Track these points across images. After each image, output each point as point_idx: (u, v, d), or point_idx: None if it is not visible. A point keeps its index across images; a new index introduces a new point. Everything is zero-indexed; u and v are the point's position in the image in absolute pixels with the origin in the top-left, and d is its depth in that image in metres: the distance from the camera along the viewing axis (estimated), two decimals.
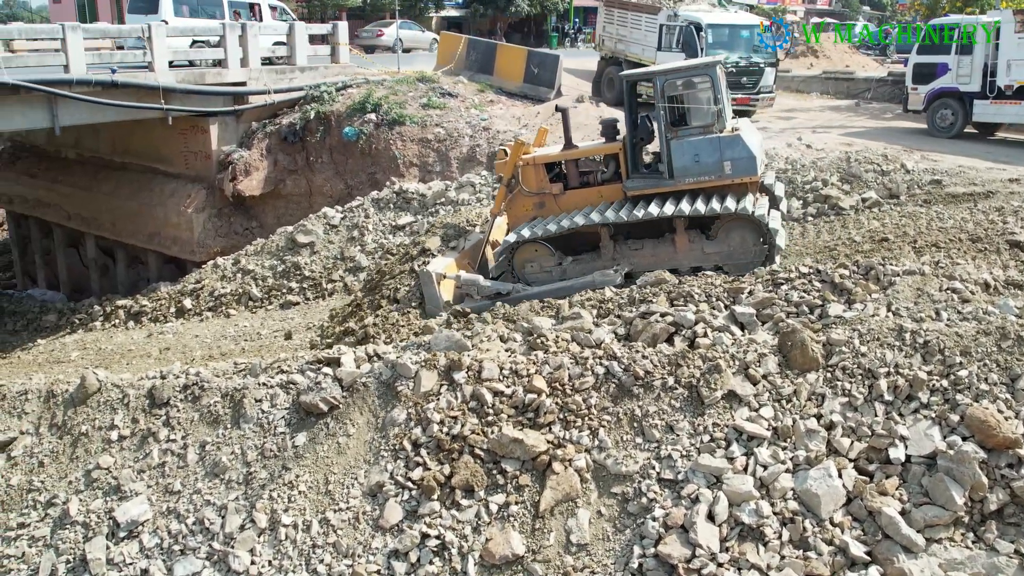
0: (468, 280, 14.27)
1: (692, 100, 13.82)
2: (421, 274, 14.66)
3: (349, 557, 9.22)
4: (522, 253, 14.47)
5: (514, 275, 14.65)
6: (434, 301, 14.28)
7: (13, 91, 18.69)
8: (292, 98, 24.19)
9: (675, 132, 13.72)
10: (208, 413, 10.78)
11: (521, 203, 14.87)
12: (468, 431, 9.67)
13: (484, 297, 14.16)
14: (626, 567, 8.49)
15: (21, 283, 29.88)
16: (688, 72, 13.91)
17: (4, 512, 10.73)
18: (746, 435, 9.10)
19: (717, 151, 13.47)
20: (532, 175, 14.69)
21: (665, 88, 13.69)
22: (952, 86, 22.79)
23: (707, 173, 13.58)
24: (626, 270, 13.92)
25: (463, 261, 15.41)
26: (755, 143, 13.83)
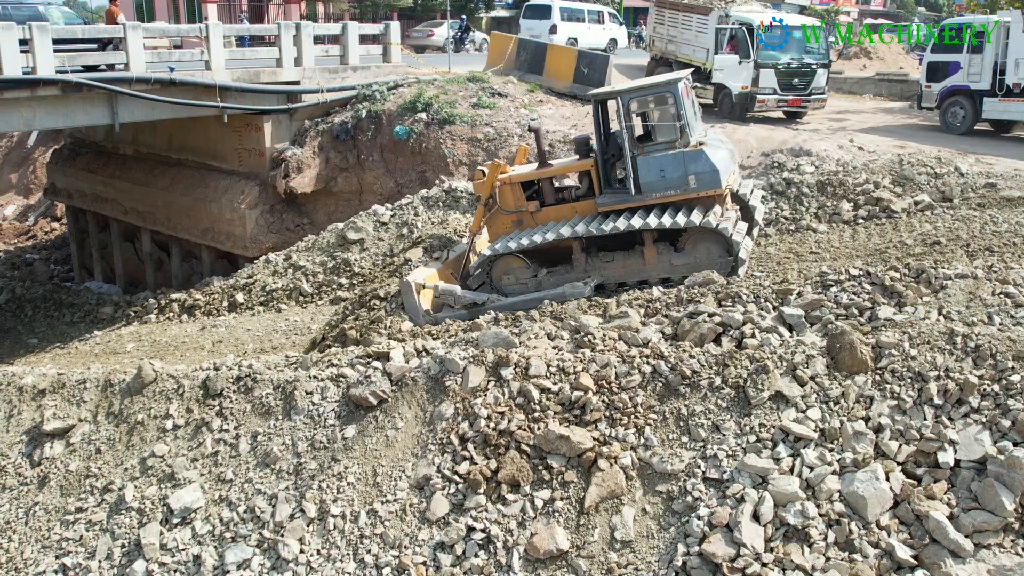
0: (446, 290, 14.78)
1: (656, 117, 14.24)
2: (401, 284, 15.14)
3: (396, 548, 9.38)
4: (500, 266, 14.93)
5: (492, 286, 15.08)
6: (414, 310, 14.74)
7: (76, 88, 19.16)
8: (344, 97, 24.46)
9: (641, 148, 14.05)
10: (260, 404, 11.00)
11: (500, 221, 15.34)
12: (515, 427, 9.77)
13: (461, 307, 14.64)
14: (670, 565, 8.53)
15: (79, 276, 30.53)
16: (651, 90, 14.30)
17: (63, 496, 11.07)
18: (793, 436, 9.09)
19: (681, 166, 13.78)
20: (509, 194, 15.16)
21: (630, 106, 14.06)
22: (963, 84, 23.07)
23: (672, 188, 13.90)
24: (597, 282, 14.33)
25: (446, 271, 15.84)
26: (721, 157, 14.09)
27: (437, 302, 14.98)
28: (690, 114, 14.21)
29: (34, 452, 11.64)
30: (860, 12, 70.10)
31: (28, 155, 38.62)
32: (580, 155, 15.17)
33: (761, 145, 20.22)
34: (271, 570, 9.51)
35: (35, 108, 19.19)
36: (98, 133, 28.51)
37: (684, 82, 14.38)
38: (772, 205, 17.19)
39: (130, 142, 27.20)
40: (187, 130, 24.78)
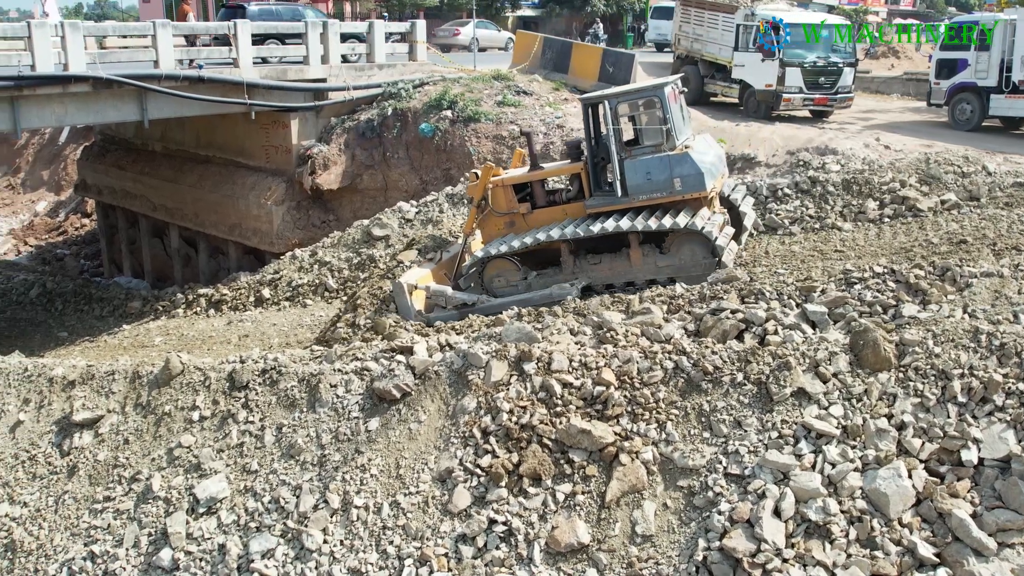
0: (437, 291, 15.07)
1: (642, 121, 14.52)
2: (394, 285, 15.44)
3: (418, 540, 9.46)
4: (491, 268, 15.19)
5: (483, 288, 15.32)
6: (406, 310, 15.03)
7: (107, 85, 19.42)
8: (370, 94, 24.61)
9: (628, 151, 14.30)
10: (285, 397, 11.11)
11: (493, 223, 15.59)
12: (537, 421, 9.82)
13: (452, 307, 14.92)
14: (690, 559, 8.56)
15: (108, 271, 30.91)
16: (639, 94, 14.62)
17: (91, 486, 11.23)
18: (815, 433, 9.08)
19: (667, 169, 14.00)
20: (501, 196, 15.42)
21: (617, 109, 14.30)
22: (971, 81, 23.35)
23: (658, 190, 14.12)
24: (584, 283, 14.55)
25: (439, 272, 16.12)
26: (707, 160, 14.29)
27: (429, 303, 15.26)
28: (677, 118, 14.47)
29: (64, 442, 11.81)
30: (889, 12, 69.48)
31: (59, 152, 39.14)
32: (571, 158, 15.45)
33: (786, 143, 20.17)
34: (295, 560, 9.62)
35: (67, 104, 19.47)
36: (128, 130, 28.84)
37: (672, 87, 14.62)
38: (797, 203, 17.14)
39: (159, 139, 27.51)
40: (215, 127, 25.03)
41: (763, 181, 18.01)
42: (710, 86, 27.11)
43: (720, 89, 26.67)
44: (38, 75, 18.42)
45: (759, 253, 15.63)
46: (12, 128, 18.97)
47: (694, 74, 27.54)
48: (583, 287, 14.52)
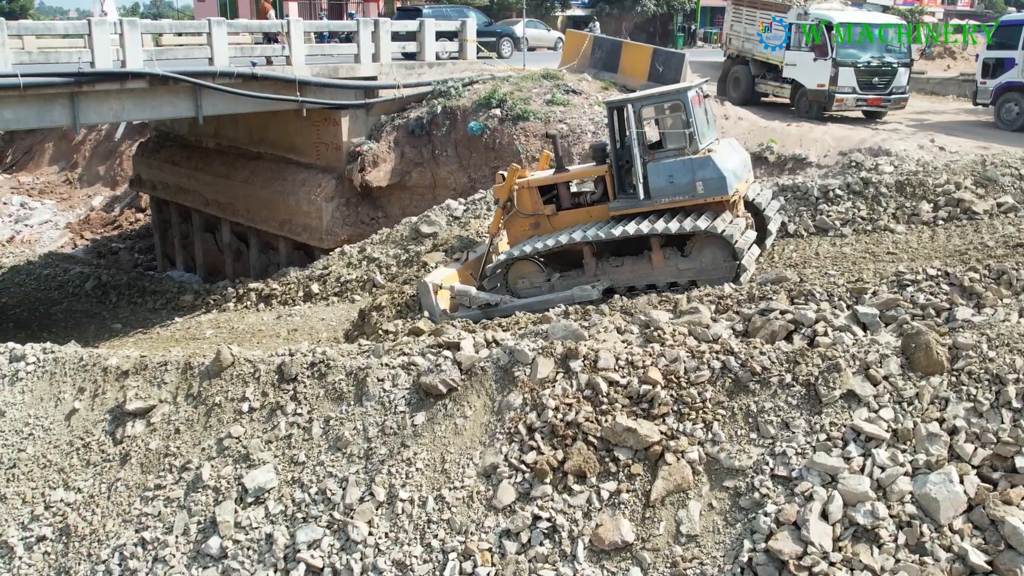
0: (461, 291, 15.28)
1: (666, 124, 14.65)
2: (419, 285, 15.69)
3: (462, 534, 9.50)
4: (515, 269, 15.35)
5: (507, 289, 15.46)
6: (431, 310, 15.23)
7: (163, 82, 19.76)
8: (420, 93, 24.75)
9: (652, 155, 14.36)
10: (333, 390, 11.23)
11: (519, 223, 15.73)
12: (582, 418, 9.82)
13: (476, 307, 15.06)
14: (735, 560, 8.51)
15: (161, 265, 31.43)
16: (662, 98, 14.65)
17: (143, 474, 11.44)
18: (864, 436, 8.97)
19: (690, 172, 14.07)
20: (527, 198, 15.54)
21: (641, 113, 14.38)
22: (1018, 80, 23.23)
23: (681, 193, 14.20)
24: (606, 285, 14.66)
25: (466, 272, 16.35)
26: (730, 164, 14.34)
27: (454, 302, 15.47)
28: (701, 122, 14.51)
29: (116, 430, 12.05)
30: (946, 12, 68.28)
31: (115, 148, 39.85)
32: (596, 161, 15.51)
33: (838, 144, 19.92)
34: (340, 551, 9.71)
35: (124, 100, 19.84)
36: (182, 127, 29.31)
37: (696, 91, 14.70)
38: (848, 205, 16.93)
39: (212, 135, 27.91)
40: (267, 124, 25.35)
41: (814, 182, 17.81)
42: (761, 86, 26.86)
43: (771, 89, 26.41)
44: (97, 71, 18.80)
45: (809, 254, 15.46)
46: (72, 123, 19.37)
47: (745, 74, 27.33)
48: (605, 289, 14.65)
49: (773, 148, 20.06)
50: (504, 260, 15.28)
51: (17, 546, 11.19)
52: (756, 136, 20.74)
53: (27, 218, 36.46)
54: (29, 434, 12.55)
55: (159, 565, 10.38)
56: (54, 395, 12.96)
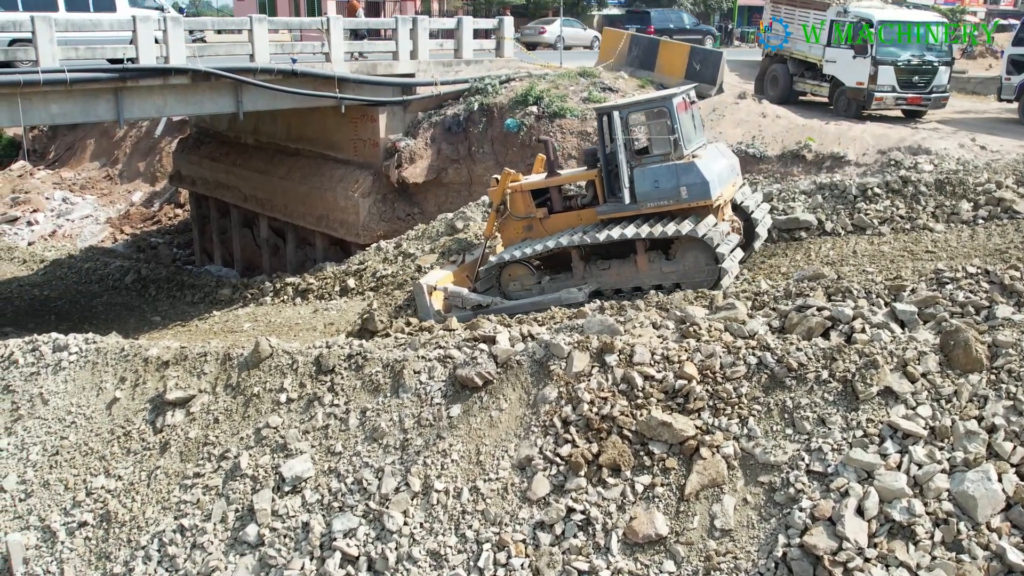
0: (454, 292, 15.62)
1: (652, 131, 15.02)
2: (414, 286, 16.24)
3: (496, 525, 9.57)
4: (507, 272, 15.76)
5: (500, 291, 15.86)
6: (425, 310, 15.71)
7: (205, 78, 20.01)
8: (457, 90, 24.85)
9: (639, 160, 14.72)
10: (369, 381, 11.34)
11: (512, 226, 16.12)
12: (617, 412, 9.85)
13: (468, 308, 15.35)
14: (770, 555, 8.50)
15: (199, 260, 31.81)
16: (647, 105, 15.07)
17: (182, 462, 11.62)
18: (901, 433, 8.93)
19: (674, 177, 14.37)
20: (520, 201, 15.92)
21: (628, 119, 14.70)
22: None
23: (665, 198, 14.51)
24: (593, 288, 15.00)
25: (462, 274, 16.74)
26: (715, 169, 14.62)
27: (447, 303, 15.83)
28: (687, 128, 14.88)
29: (157, 419, 12.25)
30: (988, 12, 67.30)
31: (155, 145, 40.37)
32: (588, 165, 15.88)
33: (877, 143, 19.76)
34: (375, 540, 9.82)
35: (166, 96, 20.12)
36: (221, 123, 29.64)
37: (683, 97, 15.05)
38: (887, 203, 16.78)
39: (251, 132, 28.20)
40: (305, 120, 25.56)
41: (852, 180, 17.67)
42: (799, 84, 26.64)
43: (809, 87, 26.21)
44: (141, 67, 19.09)
45: (847, 253, 15.36)
46: (116, 117, 19.67)
47: (783, 72, 27.13)
48: (593, 291, 14.96)
49: (811, 146, 19.93)
50: (495, 264, 15.69)
51: (59, 531, 11.42)
52: (794, 134, 20.62)
53: (69, 213, 37.02)
54: (71, 422, 12.79)
55: (197, 551, 10.55)
56: (96, 384, 13.19)
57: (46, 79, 17.68)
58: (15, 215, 36.57)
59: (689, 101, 15.42)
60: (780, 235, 16.91)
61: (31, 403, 13.27)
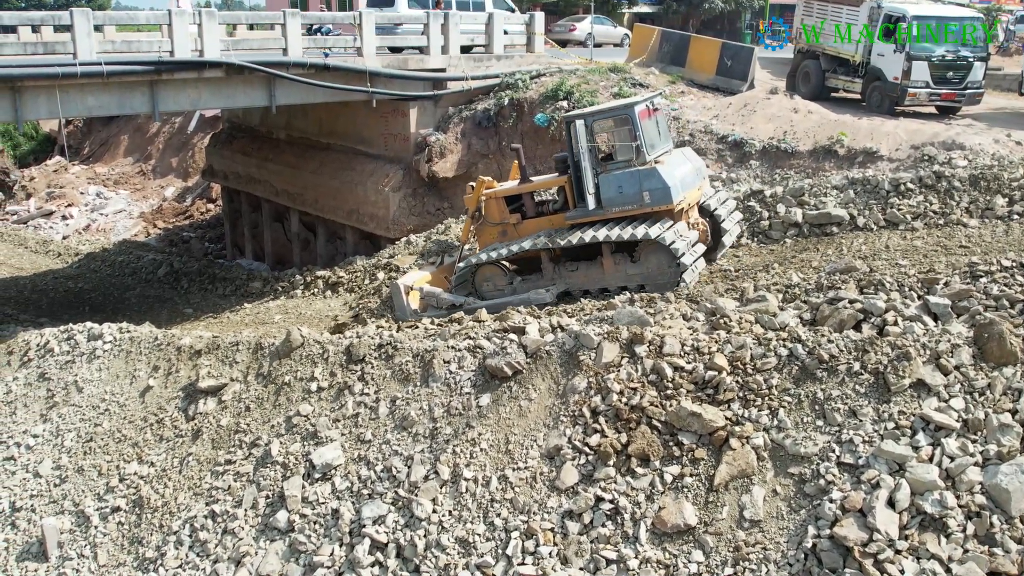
0: (429, 292, 16.23)
1: (616, 138, 15.34)
2: (392, 286, 16.82)
3: (525, 513, 9.61)
4: (481, 273, 16.30)
5: (475, 291, 16.41)
6: (402, 309, 16.23)
7: (239, 71, 20.16)
8: (488, 85, 24.85)
9: (604, 167, 15.15)
10: (400, 371, 11.41)
11: (488, 231, 16.66)
12: (647, 402, 9.85)
13: (443, 308, 15.86)
14: (799, 546, 8.48)
15: (231, 253, 32.05)
16: (611, 113, 15.45)
17: (214, 449, 11.76)
18: (933, 425, 8.87)
19: (637, 182, 14.84)
20: (494, 207, 16.46)
21: (593, 127, 15.14)
22: None
23: (629, 203, 14.95)
24: (561, 289, 15.58)
25: (440, 276, 17.32)
26: (677, 174, 15.05)
27: (423, 303, 16.38)
28: (651, 135, 15.33)
29: (189, 407, 12.40)
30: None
31: (188, 140, 40.73)
32: (559, 171, 16.25)
33: (911, 138, 19.56)
34: (405, 527, 9.88)
35: (201, 89, 20.28)
36: (254, 118, 29.84)
37: (646, 105, 15.50)
38: (920, 199, 16.63)
39: (283, 126, 28.37)
40: (336, 115, 25.69)
41: (885, 175, 17.52)
42: (831, 80, 26.42)
43: (842, 84, 25.98)
44: (176, 60, 19.24)
45: (879, 247, 15.23)
46: (151, 110, 19.85)
47: (815, 68, 26.91)
48: (562, 292, 15.53)
49: (843, 141, 19.77)
50: (468, 265, 16.27)
51: (93, 516, 11.60)
52: (826, 129, 20.46)
53: (103, 207, 37.45)
54: (105, 410, 12.98)
55: (228, 537, 10.68)
56: (130, 372, 13.38)
57: (83, 71, 17.89)
58: (51, 209, 37.06)
59: (652, 108, 15.84)
60: (811, 230, 16.80)
61: (66, 391, 13.49)
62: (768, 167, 20.06)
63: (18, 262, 30.16)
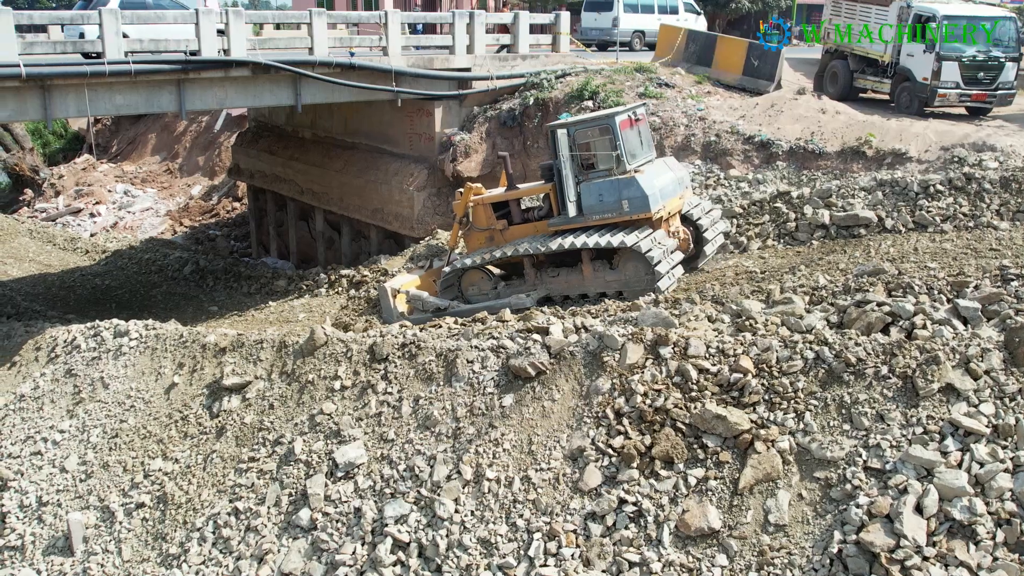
0: (415, 296, 16.64)
1: (597, 147, 15.55)
2: (379, 289, 17.24)
3: (547, 515, 9.56)
4: (467, 278, 16.70)
5: (461, 295, 16.81)
6: (389, 312, 16.53)
7: (265, 71, 20.25)
8: (513, 84, 24.83)
9: (586, 175, 15.49)
10: (423, 370, 11.40)
11: (476, 237, 17.04)
12: (671, 404, 9.78)
13: (428, 311, 16.17)
14: (825, 551, 8.38)
15: (256, 252, 32.23)
16: (593, 122, 15.73)
17: (237, 446, 11.79)
18: (963, 430, 8.74)
19: (617, 191, 15.21)
20: (482, 213, 16.82)
21: (576, 136, 15.40)
22: None
23: (609, 211, 15.34)
24: (542, 294, 15.90)
25: (429, 279, 17.66)
26: (657, 183, 15.36)
27: (410, 306, 16.70)
28: (632, 144, 15.74)
29: (213, 404, 12.45)
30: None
31: (214, 139, 40.99)
32: (544, 179, 16.55)
33: (940, 139, 19.35)
34: (427, 527, 9.86)
35: (227, 88, 20.39)
36: (279, 117, 29.99)
37: (628, 115, 15.87)
38: (949, 201, 16.44)
39: (308, 126, 28.48)
40: (361, 115, 25.76)
41: (914, 177, 17.33)
42: (860, 81, 26.19)
43: (871, 84, 25.75)
44: (203, 59, 19.35)
45: (907, 250, 15.06)
46: (177, 108, 19.98)
47: (843, 69, 26.69)
48: (543, 297, 15.84)
49: (872, 142, 19.59)
50: (453, 270, 16.66)
51: (118, 511, 11.66)
52: (854, 130, 20.28)
53: (130, 205, 37.77)
54: (131, 406, 13.05)
55: (251, 534, 10.70)
56: (155, 369, 13.45)
57: (112, 70, 18.03)
58: (79, 207, 37.42)
59: (635, 119, 16.16)
60: (838, 232, 16.65)
61: (92, 387, 13.58)
62: (795, 168, 19.92)
63: (47, 259, 30.46)
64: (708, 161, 20.76)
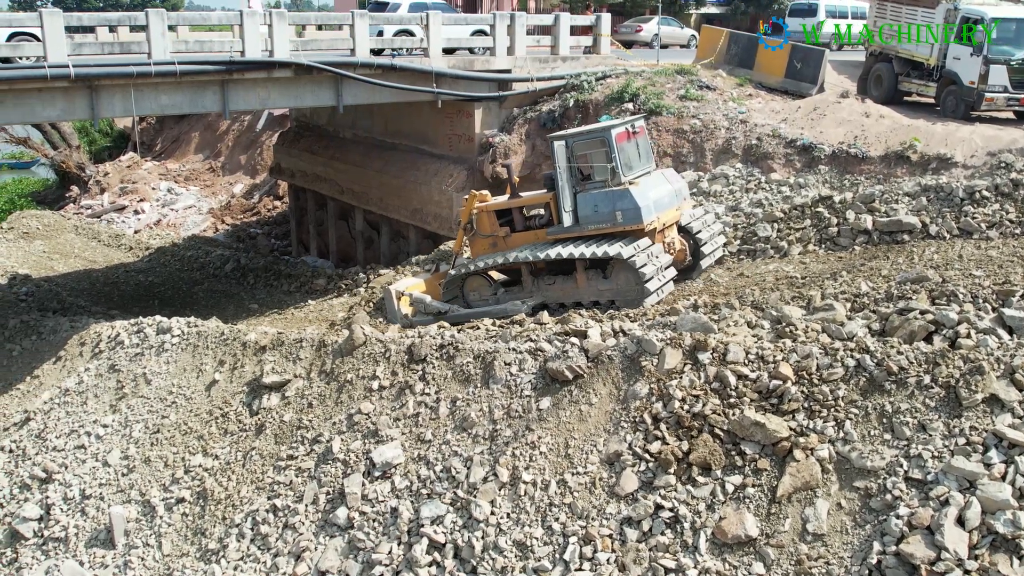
0: (418, 299, 16.98)
1: (593, 159, 15.83)
2: (385, 291, 17.68)
3: (583, 519, 9.56)
4: (469, 283, 17.05)
5: (463, 299, 17.14)
6: (393, 314, 16.92)
7: (307, 71, 20.43)
8: (553, 86, 24.81)
9: (583, 186, 15.75)
10: (461, 372, 11.44)
11: (479, 243, 17.35)
12: (709, 410, 9.74)
13: (430, 314, 16.43)
14: (863, 562, 8.30)
15: (296, 251, 32.51)
16: (590, 135, 16.05)
17: (276, 444, 11.91)
18: (1007, 442, 8.61)
19: (611, 202, 15.44)
20: (485, 220, 17.15)
21: (573, 148, 15.69)
22: None
23: (603, 221, 15.59)
24: (537, 301, 16.12)
25: (434, 283, 17.98)
26: (651, 195, 15.59)
27: (414, 309, 17.00)
28: (630, 155, 15.97)
29: (253, 402, 12.59)
30: None
31: (256, 139, 41.41)
32: (546, 188, 16.74)
33: (987, 144, 19.05)
34: (463, 528, 9.91)
35: (270, 89, 20.60)
36: (321, 117, 30.22)
37: (625, 128, 16.09)
38: (996, 207, 16.17)
39: (349, 126, 28.67)
40: (402, 115, 25.88)
41: (959, 182, 17.07)
42: (905, 84, 25.82)
43: (916, 87, 25.39)
44: (246, 60, 19.56)
45: (951, 257, 14.83)
46: (221, 109, 20.22)
47: (887, 72, 26.33)
48: (539, 304, 16.02)
49: (916, 147, 19.33)
50: (455, 275, 17.03)
51: (158, 506, 11.83)
52: (898, 134, 20.03)
53: (173, 203, 38.27)
54: (172, 402, 13.24)
55: (288, 532, 10.81)
56: (196, 366, 13.62)
57: (157, 71, 18.29)
58: (123, 204, 37.97)
59: (632, 132, 16.35)
60: (881, 238, 16.44)
61: (135, 383, 13.79)
62: (838, 172, 19.71)
63: (91, 255, 30.92)
64: (749, 164, 20.62)
